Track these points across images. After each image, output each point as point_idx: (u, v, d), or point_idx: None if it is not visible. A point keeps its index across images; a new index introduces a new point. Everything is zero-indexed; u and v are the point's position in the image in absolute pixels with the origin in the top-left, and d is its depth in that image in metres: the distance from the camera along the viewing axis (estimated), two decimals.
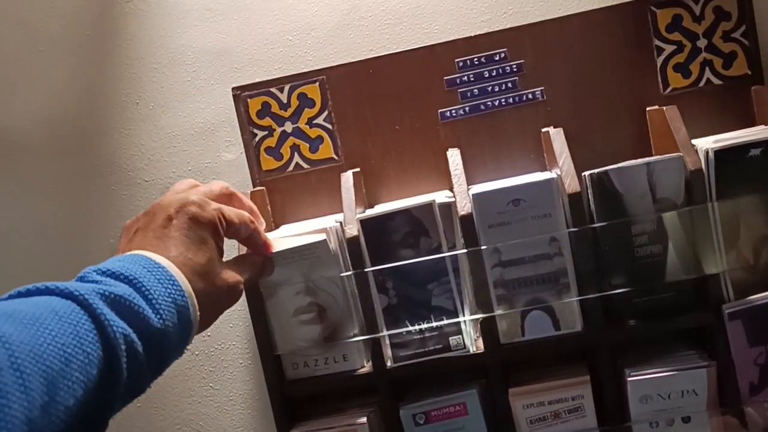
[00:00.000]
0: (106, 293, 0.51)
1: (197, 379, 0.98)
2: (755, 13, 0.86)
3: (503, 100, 0.89)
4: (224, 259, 0.66)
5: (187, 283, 0.58)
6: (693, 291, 0.79)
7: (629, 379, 0.78)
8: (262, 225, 0.72)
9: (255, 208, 0.73)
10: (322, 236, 0.79)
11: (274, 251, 0.75)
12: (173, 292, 0.56)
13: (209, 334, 0.97)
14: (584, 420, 0.80)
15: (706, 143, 0.78)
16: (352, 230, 0.81)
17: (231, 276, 0.65)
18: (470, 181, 0.87)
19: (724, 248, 0.77)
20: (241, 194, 0.71)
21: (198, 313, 0.59)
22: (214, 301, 0.62)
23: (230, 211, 0.66)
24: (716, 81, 0.87)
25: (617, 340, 0.80)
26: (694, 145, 0.79)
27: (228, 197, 0.69)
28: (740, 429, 0.79)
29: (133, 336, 0.51)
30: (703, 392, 0.78)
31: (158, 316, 0.53)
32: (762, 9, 0.86)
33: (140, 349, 0.51)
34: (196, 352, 0.98)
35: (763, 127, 0.83)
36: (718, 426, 0.79)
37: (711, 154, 0.76)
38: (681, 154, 0.77)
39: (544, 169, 0.88)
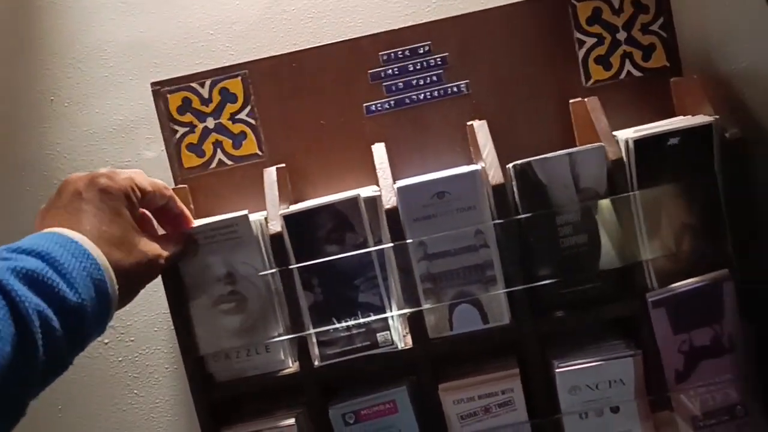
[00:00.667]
0: (18, 269, 0.49)
1: (121, 386, 0.94)
2: (672, 5, 0.88)
3: (428, 93, 0.88)
4: None
5: (103, 257, 0.57)
6: (618, 280, 0.79)
7: (557, 370, 0.78)
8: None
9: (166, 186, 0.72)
10: (243, 211, 0.77)
11: (193, 226, 0.74)
12: (88, 266, 0.55)
13: (133, 339, 0.93)
14: (515, 414, 0.79)
15: (627, 134, 0.79)
16: (276, 226, 0.79)
17: (151, 248, 0.64)
18: (397, 176, 0.86)
19: (646, 237, 0.78)
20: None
21: (116, 287, 0.57)
22: (133, 273, 0.61)
23: (143, 179, 0.65)
24: (636, 73, 0.88)
25: (545, 331, 0.80)
26: (615, 136, 0.79)
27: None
28: (669, 419, 0.79)
29: (48, 312, 0.50)
30: (630, 381, 0.78)
31: (74, 291, 0.52)
32: (679, 1, 0.87)
33: (56, 324, 0.50)
34: (120, 358, 0.94)
35: (681, 117, 0.84)
36: (646, 415, 0.79)
37: (631, 144, 0.76)
38: (602, 144, 0.77)
39: (470, 162, 0.87)
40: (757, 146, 0.85)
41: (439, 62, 0.88)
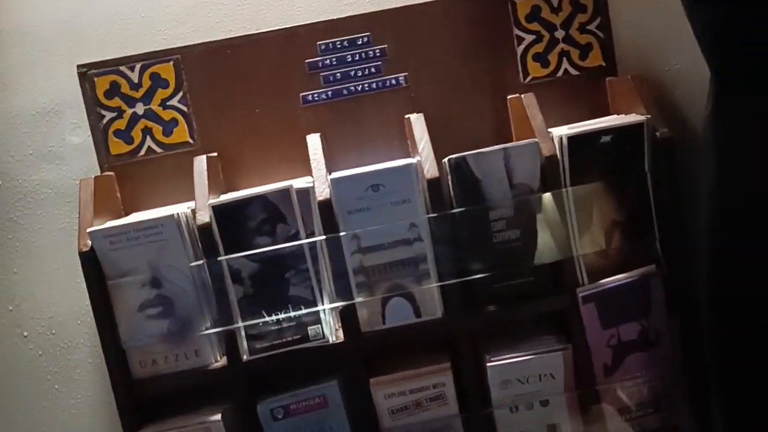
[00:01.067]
0: None
1: (41, 381, 0.90)
2: (609, 6, 0.89)
3: (366, 85, 0.87)
4: None
5: None
6: (550, 276, 0.80)
7: (488, 364, 0.78)
8: None
9: None
10: (170, 211, 0.75)
11: None
12: None
13: (54, 332, 0.89)
14: (446, 407, 0.79)
15: (562, 131, 0.79)
16: (204, 217, 0.76)
17: None
18: (333, 168, 0.85)
19: (578, 233, 0.78)
20: None
21: None
22: None
23: None
24: (573, 71, 0.89)
25: (477, 326, 0.80)
26: (550, 132, 0.80)
27: None
28: (598, 413, 0.80)
29: None
30: (559, 375, 0.79)
31: None
32: (616, 2, 0.89)
33: None
34: (39, 353, 0.90)
35: (615, 116, 0.85)
36: (575, 408, 0.80)
37: (564, 141, 0.77)
38: (536, 140, 0.78)
39: (407, 155, 0.86)
40: (687, 146, 0.86)
41: (378, 54, 0.87)
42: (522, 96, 0.83)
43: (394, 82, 0.87)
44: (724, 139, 0.67)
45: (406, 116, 0.85)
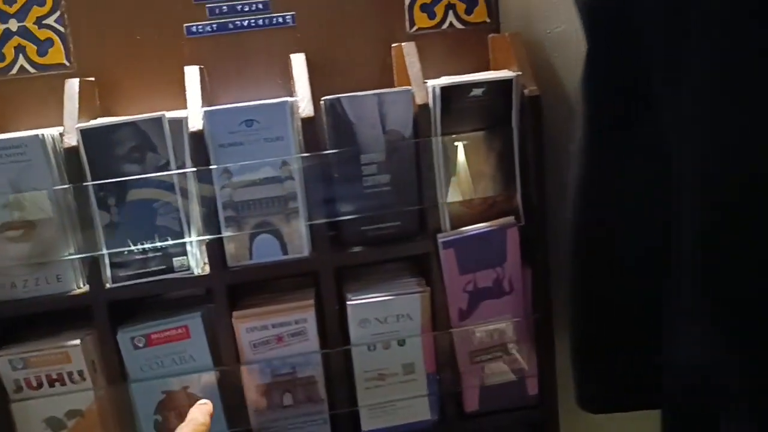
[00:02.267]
0: None
1: None
2: None
3: (253, 21, 0.87)
4: None
5: None
6: (417, 221, 0.83)
7: (348, 303, 0.81)
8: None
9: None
10: (35, 132, 0.73)
11: None
12: None
13: None
14: (307, 343, 0.82)
15: (437, 81, 0.81)
16: (71, 140, 0.75)
17: None
18: (215, 102, 0.85)
19: (444, 182, 0.81)
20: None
21: None
22: None
23: None
24: (458, 25, 0.90)
25: (343, 266, 0.82)
26: (426, 82, 0.81)
27: None
28: (450, 353, 0.84)
29: None
30: (416, 317, 0.82)
31: None
32: None
33: None
34: None
35: (494, 72, 0.88)
36: (430, 349, 0.84)
37: (437, 91, 0.79)
38: (410, 88, 0.79)
39: (290, 95, 0.87)
40: (556, 106, 0.90)
41: None
42: (402, 44, 0.84)
43: (281, 20, 0.87)
44: (590, 101, 0.70)
45: (290, 56, 0.85)
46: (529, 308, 0.85)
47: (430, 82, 0.81)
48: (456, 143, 0.81)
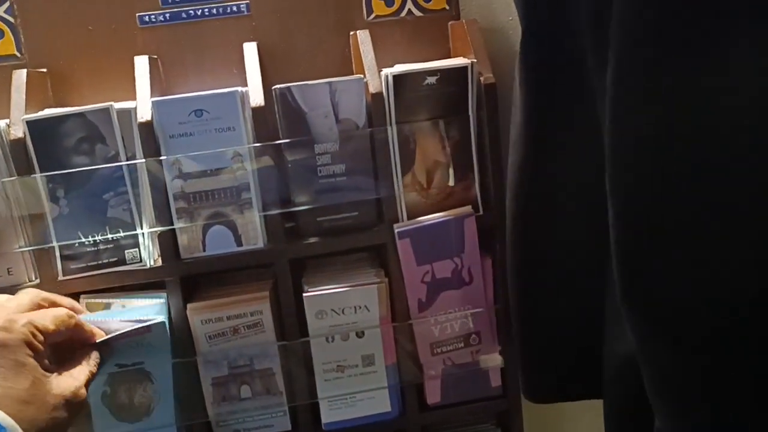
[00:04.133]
0: None
1: None
2: None
3: (207, 10, 0.85)
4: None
5: (8, 418, 0.54)
6: (374, 212, 0.82)
7: (305, 294, 0.80)
8: (81, 313, 0.69)
9: (73, 303, 0.69)
10: None
11: (101, 339, 0.69)
12: None
13: None
14: (263, 335, 0.81)
15: (390, 70, 0.80)
16: (18, 132, 0.74)
17: (65, 387, 0.61)
18: (170, 92, 0.84)
19: (400, 171, 0.80)
20: (53, 296, 0.67)
21: None
22: (51, 422, 0.58)
23: (42, 319, 0.61)
24: (417, 12, 0.89)
25: (300, 257, 0.81)
26: (381, 71, 0.80)
27: (39, 306, 0.64)
28: (410, 345, 0.83)
29: None
30: (374, 308, 0.81)
31: None
32: None
33: None
34: None
35: (452, 59, 0.87)
36: (389, 341, 0.83)
37: (390, 79, 0.78)
38: (361, 76, 0.78)
39: (246, 84, 0.86)
40: (512, 93, 0.89)
41: None
42: (358, 32, 0.83)
43: (235, 9, 0.86)
44: (524, 91, 0.69)
45: (243, 44, 0.84)
46: (490, 299, 0.84)
47: (384, 71, 0.80)
48: (410, 132, 0.80)
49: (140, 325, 0.71)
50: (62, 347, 0.66)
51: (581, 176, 0.57)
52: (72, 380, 0.62)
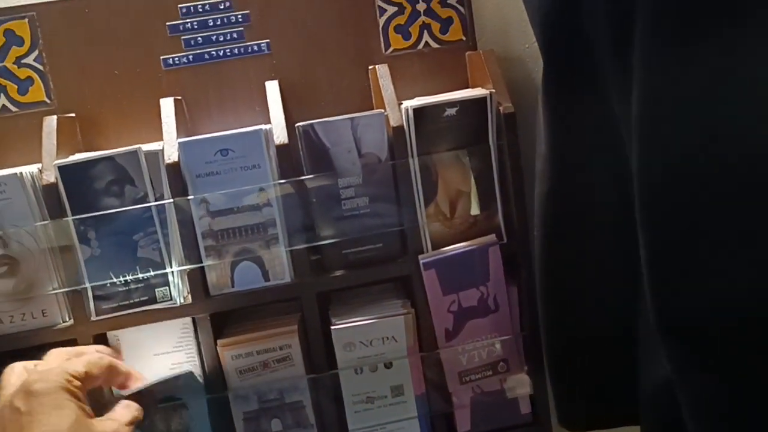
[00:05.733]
0: None
1: None
2: None
3: (228, 50, 0.87)
4: None
5: None
6: (398, 243, 0.83)
7: (333, 327, 0.81)
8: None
9: (101, 348, 0.74)
10: (14, 170, 0.74)
11: (139, 385, 0.72)
12: None
13: None
14: (293, 369, 0.82)
15: (410, 103, 0.81)
16: (50, 176, 0.76)
17: (107, 426, 0.63)
18: (195, 133, 0.86)
19: (423, 202, 0.81)
20: (79, 348, 0.71)
21: None
22: None
23: (75, 365, 0.64)
24: (434, 44, 0.91)
25: (325, 290, 0.82)
26: (401, 103, 0.82)
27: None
28: (438, 374, 0.84)
29: None
30: (402, 339, 0.82)
31: None
32: None
33: None
34: None
35: (470, 90, 0.88)
36: (418, 371, 0.83)
37: (411, 112, 0.79)
38: (382, 110, 0.80)
39: (269, 122, 0.87)
40: (532, 121, 0.90)
41: (240, 19, 0.87)
42: (377, 67, 0.85)
43: (256, 48, 0.88)
44: (548, 121, 0.69)
45: (266, 83, 0.86)
46: (517, 326, 0.84)
47: (405, 104, 0.81)
48: (432, 163, 0.81)
49: (171, 375, 0.74)
50: (103, 402, 0.67)
51: (609, 203, 0.57)
52: (112, 422, 0.64)
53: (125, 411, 0.67)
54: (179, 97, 0.85)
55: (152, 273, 0.78)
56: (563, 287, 0.63)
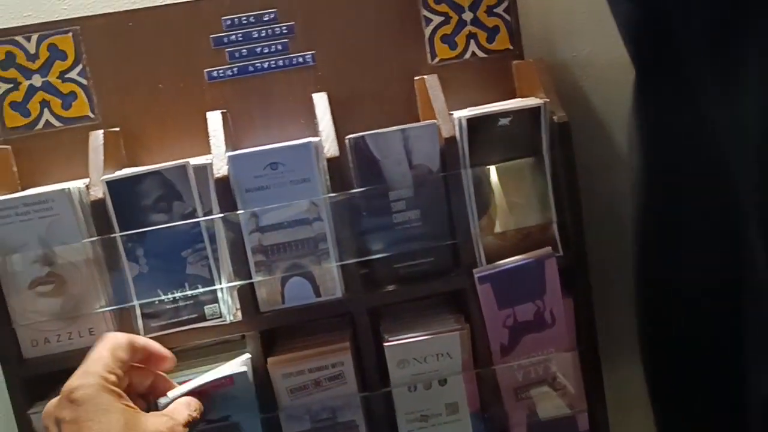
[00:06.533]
0: None
1: None
2: None
3: (273, 62, 0.86)
4: None
5: None
6: (450, 256, 0.81)
7: (386, 344, 0.78)
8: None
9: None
10: (61, 186, 0.73)
11: (186, 389, 0.69)
12: None
13: None
14: (345, 387, 0.79)
15: (464, 113, 0.79)
16: (97, 192, 0.75)
17: (160, 423, 0.60)
18: (239, 146, 0.84)
19: (476, 214, 0.79)
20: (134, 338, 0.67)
21: None
22: None
23: (110, 358, 0.62)
24: (481, 54, 0.89)
25: (377, 305, 0.80)
26: (451, 114, 0.80)
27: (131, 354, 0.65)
28: (493, 391, 0.81)
29: None
30: (456, 355, 0.79)
31: None
32: None
33: None
34: None
35: (520, 100, 0.86)
36: (473, 387, 0.81)
37: (463, 123, 0.77)
38: (434, 121, 0.78)
39: (314, 134, 0.86)
40: (589, 130, 0.88)
41: (285, 31, 0.86)
42: (425, 77, 0.83)
43: (301, 60, 0.86)
44: (644, 131, 0.68)
45: (312, 95, 0.84)
46: (573, 340, 0.81)
47: (456, 114, 0.79)
48: (485, 174, 0.79)
49: (223, 374, 0.71)
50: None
51: (709, 208, 0.55)
52: (167, 419, 0.62)
53: (183, 408, 0.65)
54: (224, 110, 0.84)
55: (201, 289, 0.77)
56: (664, 302, 0.61)
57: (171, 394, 0.68)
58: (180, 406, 0.65)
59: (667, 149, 0.66)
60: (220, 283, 0.77)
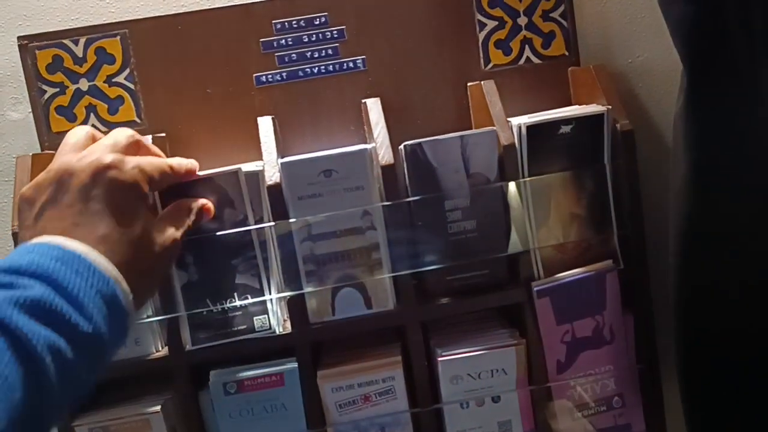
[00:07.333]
0: (21, 300, 0.44)
1: None
2: None
3: (323, 67, 0.84)
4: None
5: (112, 267, 0.52)
6: (506, 269, 0.78)
7: (439, 359, 0.76)
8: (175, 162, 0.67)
9: (159, 151, 0.67)
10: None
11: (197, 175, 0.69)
12: (96, 282, 0.49)
13: None
14: (395, 402, 0.77)
15: (521, 120, 0.77)
16: None
17: (167, 236, 0.61)
18: (287, 152, 0.82)
19: (535, 225, 0.76)
20: (145, 140, 0.65)
21: (131, 297, 0.53)
22: (154, 270, 0.59)
23: (149, 166, 0.60)
24: (535, 60, 0.86)
25: (430, 319, 0.78)
26: (509, 121, 0.77)
27: (136, 146, 0.62)
28: (550, 412, 0.78)
29: (60, 342, 0.45)
30: (512, 371, 0.77)
31: (84, 316, 0.47)
32: None
33: (70, 355, 0.46)
34: None
35: (577, 107, 0.83)
36: (527, 405, 0.78)
37: (523, 130, 0.75)
38: (494, 128, 0.75)
39: (364, 141, 0.84)
40: (648, 139, 0.85)
41: (336, 35, 0.84)
42: (482, 83, 0.81)
43: (351, 65, 0.84)
44: (695, 134, 0.66)
45: (363, 101, 0.82)
46: (633, 358, 0.78)
47: (514, 121, 0.77)
48: (545, 184, 0.76)
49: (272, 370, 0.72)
50: None
51: (764, 212, 0.53)
52: (173, 230, 0.62)
53: (185, 217, 0.65)
54: (273, 116, 0.82)
55: (251, 300, 0.74)
56: (707, 314, 0.59)
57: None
58: (181, 216, 0.65)
59: (720, 152, 0.64)
60: (270, 293, 0.75)
